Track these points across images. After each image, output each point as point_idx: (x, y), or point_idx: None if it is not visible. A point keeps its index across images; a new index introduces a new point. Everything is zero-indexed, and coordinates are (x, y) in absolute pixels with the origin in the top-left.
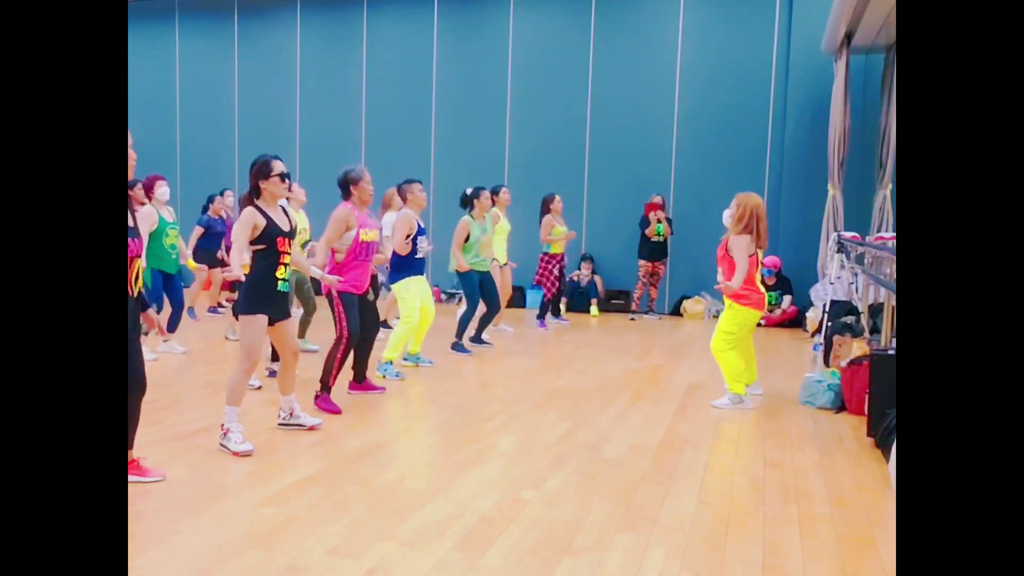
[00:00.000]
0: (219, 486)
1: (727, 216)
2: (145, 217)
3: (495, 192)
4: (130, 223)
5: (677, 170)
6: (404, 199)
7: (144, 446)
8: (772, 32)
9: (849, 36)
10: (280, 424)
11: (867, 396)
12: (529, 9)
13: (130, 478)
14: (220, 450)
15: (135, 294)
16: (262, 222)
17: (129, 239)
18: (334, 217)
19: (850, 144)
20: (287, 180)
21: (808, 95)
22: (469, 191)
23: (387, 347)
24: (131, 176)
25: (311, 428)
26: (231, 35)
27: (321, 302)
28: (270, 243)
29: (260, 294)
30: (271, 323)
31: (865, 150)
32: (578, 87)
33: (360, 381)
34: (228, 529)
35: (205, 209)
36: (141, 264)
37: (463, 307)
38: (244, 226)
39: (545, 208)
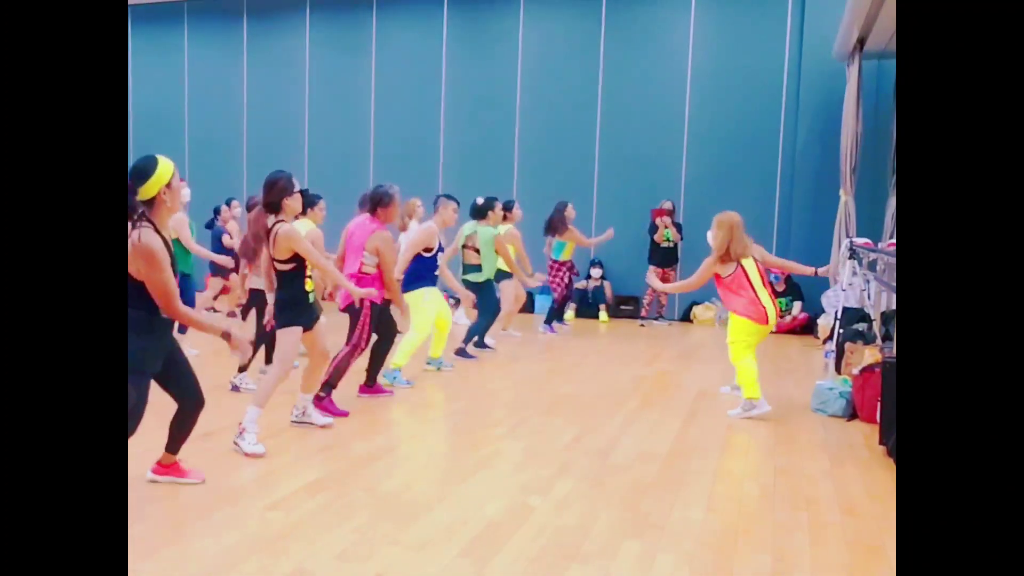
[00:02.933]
0: (225, 490)
1: (711, 237)
2: (180, 224)
3: (507, 208)
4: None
5: (688, 176)
6: (436, 211)
7: (153, 449)
8: (784, 37)
9: (861, 41)
10: (293, 421)
11: (879, 404)
12: (539, 15)
13: (170, 479)
14: (232, 449)
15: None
16: None
17: None
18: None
19: (862, 150)
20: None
21: (820, 100)
22: (481, 201)
23: (396, 354)
24: (184, 186)
25: (322, 427)
26: (240, 41)
27: (329, 307)
28: (299, 260)
29: (295, 309)
30: (307, 329)
31: (877, 156)
32: (588, 93)
33: (371, 385)
34: (234, 533)
35: (211, 223)
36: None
37: (462, 312)
38: (306, 241)
39: (559, 216)
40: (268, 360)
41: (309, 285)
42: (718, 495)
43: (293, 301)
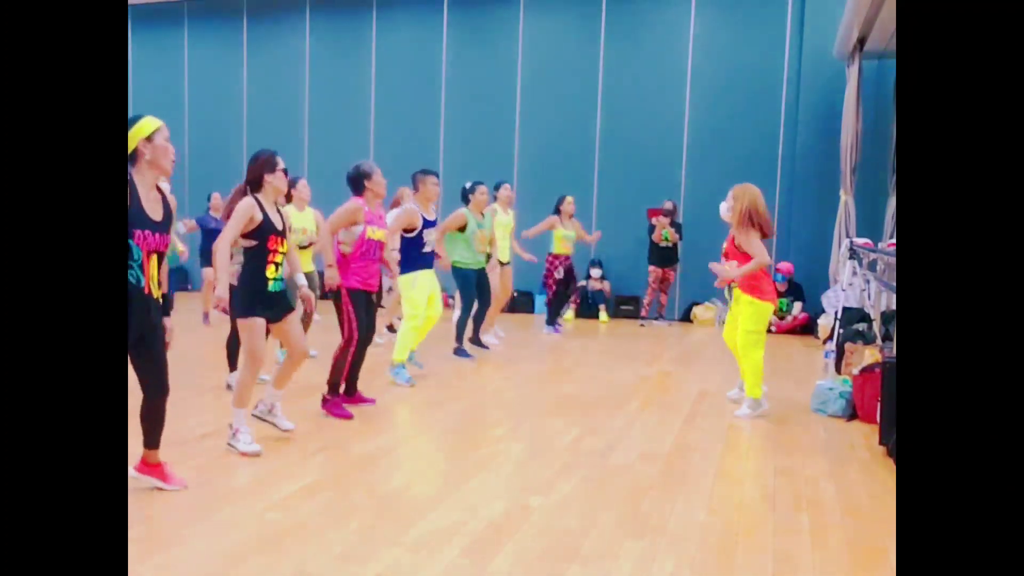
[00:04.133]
0: (225, 491)
1: (725, 209)
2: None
3: (495, 188)
4: (158, 216)
5: (688, 175)
6: (416, 188)
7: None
8: (784, 37)
9: (861, 41)
10: (254, 415)
11: (879, 404)
12: (539, 14)
13: (154, 483)
14: (227, 450)
15: (158, 295)
16: (259, 216)
17: (153, 232)
18: (340, 211)
19: (862, 150)
20: (287, 175)
21: (820, 100)
22: (468, 185)
23: (395, 349)
24: (172, 171)
25: (284, 430)
26: (240, 40)
27: (326, 306)
28: (261, 240)
29: (252, 296)
30: (273, 322)
31: (877, 156)
32: (588, 92)
33: (351, 394)
34: (234, 534)
35: (207, 210)
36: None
37: (458, 310)
38: (241, 216)
39: (555, 209)
40: (232, 366)
41: (272, 272)
42: (719, 496)
43: (247, 285)
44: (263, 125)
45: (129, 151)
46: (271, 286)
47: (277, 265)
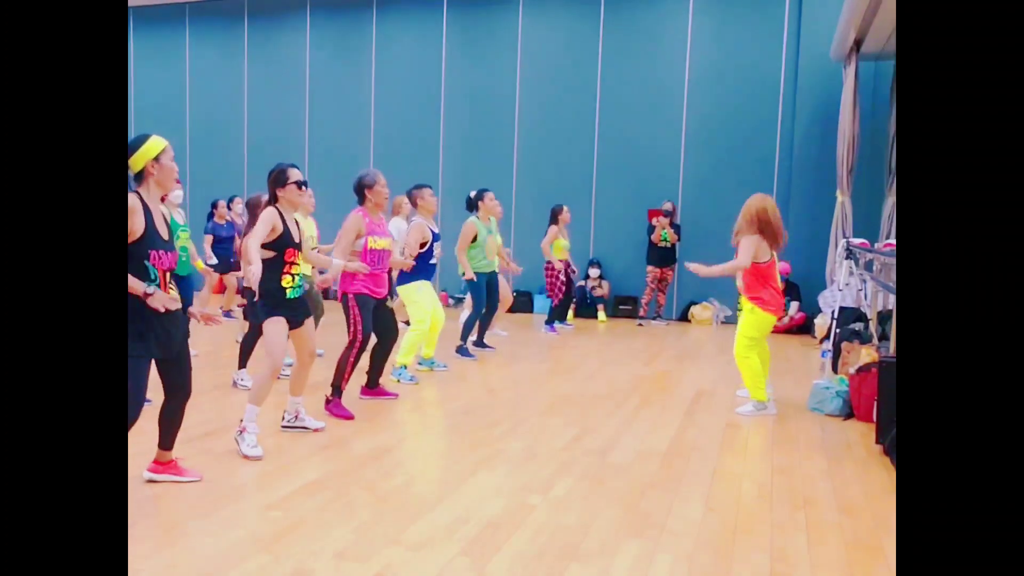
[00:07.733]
0: (226, 489)
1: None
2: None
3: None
4: (166, 234)
5: (686, 176)
6: (414, 204)
7: (152, 450)
8: (781, 39)
9: (858, 43)
10: (283, 426)
11: (876, 403)
12: (538, 16)
13: (168, 478)
14: (228, 449)
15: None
16: (280, 227)
17: (167, 252)
18: (344, 227)
19: (859, 150)
20: (304, 188)
21: (817, 101)
22: (473, 193)
23: (400, 352)
24: (177, 187)
25: (315, 431)
26: (241, 42)
27: (333, 306)
28: (279, 252)
29: (272, 301)
30: (294, 326)
31: (874, 156)
32: (587, 94)
33: (373, 387)
34: (235, 532)
35: (210, 216)
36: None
37: (467, 311)
38: (265, 224)
39: (553, 219)
40: (242, 364)
41: (288, 281)
42: (717, 494)
43: (268, 292)
44: (264, 126)
45: (137, 171)
46: (289, 293)
47: (294, 276)
